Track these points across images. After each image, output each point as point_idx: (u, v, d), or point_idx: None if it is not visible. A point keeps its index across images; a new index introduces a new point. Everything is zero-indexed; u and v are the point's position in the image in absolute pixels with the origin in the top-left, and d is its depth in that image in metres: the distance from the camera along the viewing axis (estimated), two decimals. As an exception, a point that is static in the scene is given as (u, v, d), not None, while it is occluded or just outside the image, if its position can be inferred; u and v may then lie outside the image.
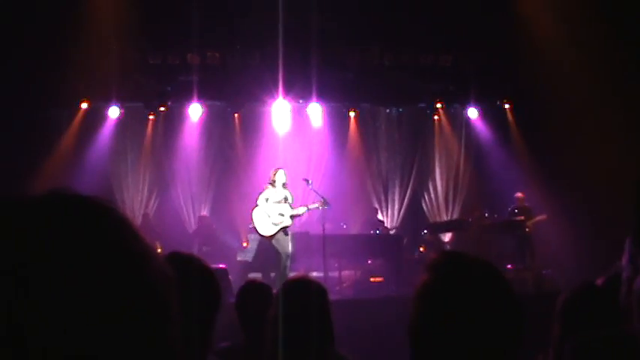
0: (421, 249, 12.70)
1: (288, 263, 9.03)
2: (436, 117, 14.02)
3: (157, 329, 0.72)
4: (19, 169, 10.45)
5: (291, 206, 9.22)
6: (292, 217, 9.21)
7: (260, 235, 9.51)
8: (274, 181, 9.22)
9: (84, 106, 12.91)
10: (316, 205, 9.29)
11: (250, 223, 9.84)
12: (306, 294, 2.52)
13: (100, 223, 0.73)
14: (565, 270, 10.23)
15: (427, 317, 1.37)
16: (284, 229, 9.15)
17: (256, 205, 9.37)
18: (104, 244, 0.71)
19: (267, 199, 9.26)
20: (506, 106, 13.71)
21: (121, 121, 13.22)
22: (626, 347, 1.93)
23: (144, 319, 0.71)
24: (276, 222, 9.12)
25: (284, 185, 9.27)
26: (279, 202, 9.17)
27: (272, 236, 9.25)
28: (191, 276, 1.76)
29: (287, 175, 9.34)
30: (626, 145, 10.75)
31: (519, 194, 11.76)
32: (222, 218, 13.07)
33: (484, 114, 13.81)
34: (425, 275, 1.41)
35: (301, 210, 9.39)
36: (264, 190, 9.45)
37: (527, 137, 12.97)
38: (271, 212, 9.17)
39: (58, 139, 12.56)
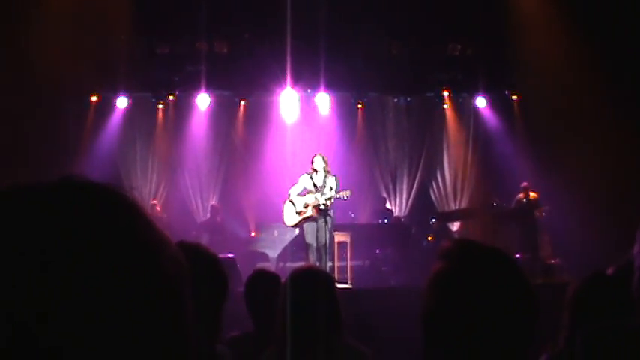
0: (429, 238, 12.66)
1: (324, 254, 8.79)
2: (444, 106, 13.95)
3: (171, 317, 0.71)
4: (29, 161, 10.47)
5: (324, 194, 8.88)
6: (318, 207, 8.83)
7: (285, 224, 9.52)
8: (314, 169, 8.99)
9: (94, 99, 12.97)
10: (346, 193, 8.94)
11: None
12: (313, 283, 2.51)
13: (113, 210, 0.72)
14: (574, 259, 10.17)
15: (441, 305, 1.36)
16: (310, 219, 8.92)
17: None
18: (117, 232, 0.70)
19: (300, 187, 9.08)
20: (514, 97, 13.61)
21: (129, 111, 13.20)
22: (638, 336, 1.92)
23: (158, 307, 0.70)
24: (299, 211, 9.01)
25: (325, 171, 8.97)
26: (314, 190, 8.93)
27: (295, 226, 9.25)
28: (198, 265, 1.74)
29: (326, 160, 9.04)
30: (636, 134, 10.74)
31: (525, 184, 11.73)
32: (231, 208, 13.07)
33: (492, 103, 13.75)
34: (439, 263, 1.40)
35: (325, 198, 8.91)
36: (302, 176, 9.23)
37: (534, 127, 12.82)
38: (297, 202, 9.04)
39: (67, 130, 12.55)
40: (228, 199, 13.41)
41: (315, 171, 8.92)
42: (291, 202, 9.11)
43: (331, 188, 8.90)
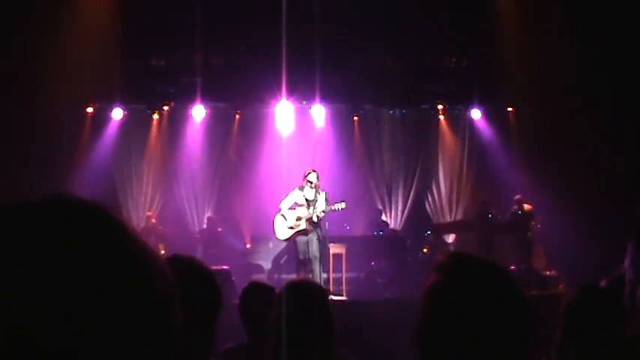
0: (425, 250, 12.67)
1: (316, 267, 8.78)
2: (440, 117, 13.95)
3: (159, 333, 0.71)
4: (24, 173, 10.45)
5: (315, 209, 8.94)
6: (310, 220, 8.86)
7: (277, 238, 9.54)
8: (309, 182, 8.97)
9: (89, 110, 12.92)
10: (340, 205, 9.01)
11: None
12: (308, 296, 2.52)
13: (99, 229, 0.72)
14: (570, 271, 10.17)
15: (435, 318, 1.37)
16: (302, 232, 8.93)
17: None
18: (102, 250, 0.70)
19: (291, 201, 9.12)
20: (509, 109, 13.59)
21: (124, 123, 13.16)
22: (630, 349, 1.91)
23: (145, 324, 0.70)
24: (291, 225, 9.01)
25: (316, 187, 9.00)
26: (305, 204, 8.96)
27: (287, 240, 9.23)
28: (192, 279, 1.76)
29: (319, 177, 9.07)
30: (632, 147, 10.72)
31: (518, 196, 11.69)
32: (226, 219, 13.00)
33: (487, 115, 13.73)
34: (433, 276, 1.40)
35: (320, 211, 8.97)
36: (292, 191, 9.26)
37: (530, 139, 12.83)
38: (289, 216, 9.06)
39: (62, 142, 12.48)
40: (223, 210, 13.36)
41: (310, 183, 8.92)
42: (283, 215, 9.11)
43: (325, 200, 9.01)
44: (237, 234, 13.15)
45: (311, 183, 8.90)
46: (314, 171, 9.05)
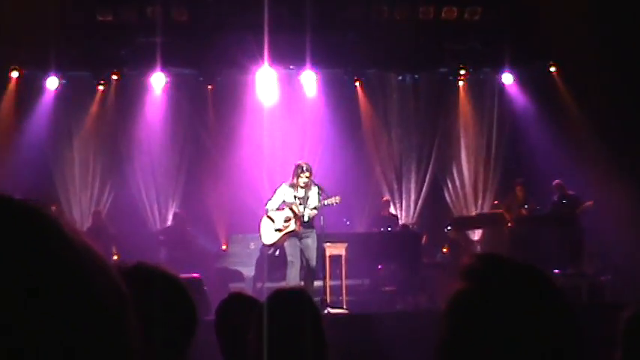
0: (444, 250, 12.66)
1: (309, 273, 9.11)
2: (461, 84, 13.86)
3: (110, 354, 0.72)
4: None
5: (307, 206, 9.24)
6: (301, 220, 9.14)
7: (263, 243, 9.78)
8: (301, 183, 9.22)
9: (14, 75, 12.66)
10: (335, 199, 9.22)
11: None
12: (296, 309, 2.54)
13: (27, 232, 0.71)
14: (629, 277, 10.13)
15: (462, 335, 1.36)
16: (292, 234, 9.19)
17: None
18: (32, 259, 0.70)
19: (279, 200, 9.36)
20: (552, 69, 13.41)
21: (62, 95, 13.03)
22: None
23: (90, 347, 0.70)
24: (279, 227, 9.27)
25: (309, 181, 9.25)
26: (295, 201, 9.23)
27: (275, 244, 9.48)
28: (157, 291, 1.77)
29: (311, 169, 9.26)
30: None
31: (558, 181, 11.75)
32: (196, 215, 12.93)
33: (521, 79, 13.63)
34: (458, 283, 1.39)
35: (310, 211, 9.28)
36: (280, 186, 9.50)
37: (575, 108, 12.76)
38: (277, 217, 9.31)
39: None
40: (192, 204, 13.26)
41: (303, 184, 9.11)
42: (270, 217, 9.33)
43: (318, 194, 9.18)
44: (210, 233, 13.12)
45: (304, 184, 9.14)
46: (307, 169, 9.16)
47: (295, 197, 9.23)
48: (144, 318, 0.77)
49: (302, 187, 9.19)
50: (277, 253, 10.31)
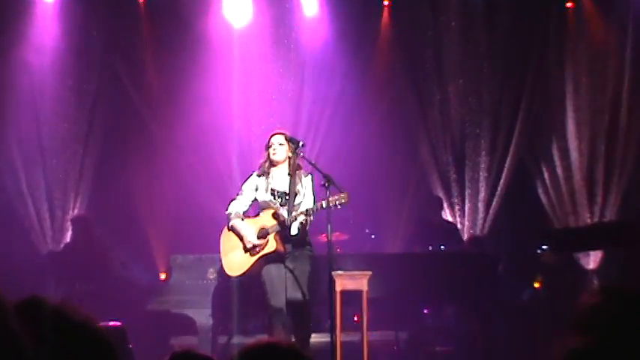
0: (536, 284, 12.04)
1: (301, 320, 8.83)
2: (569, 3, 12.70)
3: None
4: None
5: (295, 208, 8.79)
6: (284, 234, 8.60)
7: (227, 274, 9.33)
8: (272, 159, 8.69)
9: None
10: (340, 199, 8.52)
11: None
12: None
13: None
14: None
15: None
16: (272, 258, 8.69)
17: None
18: None
19: (248, 199, 8.95)
20: None
21: None
22: None
23: None
24: (252, 247, 8.69)
25: (294, 168, 8.80)
26: (274, 201, 8.81)
27: (244, 274, 9.06)
28: (53, 351, 1.95)
29: (297, 142, 8.79)
30: None
31: None
32: (114, 223, 12.05)
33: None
34: (570, 339, 1.61)
35: (299, 213, 8.70)
36: (248, 178, 8.85)
37: None
38: (246, 230, 8.80)
39: None
40: (107, 205, 12.29)
41: (273, 165, 8.75)
42: (233, 229, 8.78)
43: (312, 190, 8.82)
44: (139, 253, 12.42)
45: (290, 171, 8.78)
46: (281, 133, 8.81)
47: (274, 194, 8.67)
48: None
49: (281, 173, 8.74)
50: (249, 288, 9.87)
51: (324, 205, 8.15)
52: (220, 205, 10.05)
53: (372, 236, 12.05)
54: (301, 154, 8.75)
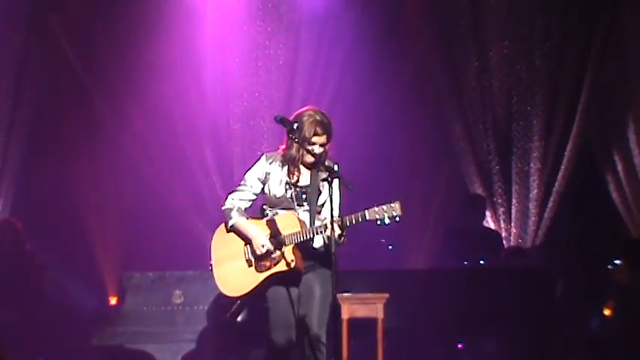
0: (606, 311, 11.02)
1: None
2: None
3: None
4: None
5: (315, 216, 7.29)
6: (308, 247, 7.23)
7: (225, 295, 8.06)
8: (306, 138, 7.22)
9: None
10: (393, 210, 7.26)
11: None
12: None
13: None
14: None
15: None
16: (282, 278, 7.33)
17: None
18: None
19: (252, 189, 7.59)
20: None
21: None
22: None
23: None
24: (257, 257, 7.27)
25: (317, 156, 7.26)
26: (290, 198, 7.41)
27: (246, 296, 7.86)
28: None
29: (328, 125, 7.27)
30: None
31: None
32: (50, 232, 11.40)
33: None
34: None
35: (324, 226, 7.14)
36: (258, 160, 7.44)
37: None
38: (254, 233, 7.56)
39: None
40: (39, 207, 11.66)
41: (305, 143, 7.23)
42: (235, 230, 7.34)
43: (340, 192, 7.36)
44: (83, 270, 11.75)
45: (311, 161, 7.25)
46: (323, 123, 7.27)
47: (293, 190, 7.23)
48: None
49: (308, 168, 7.28)
50: (241, 315, 9.35)
51: (367, 217, 6.61)
52: (192, 210, 10.21)
53: (389, 247, 11.43)
54: (295, 139, 7.17)
